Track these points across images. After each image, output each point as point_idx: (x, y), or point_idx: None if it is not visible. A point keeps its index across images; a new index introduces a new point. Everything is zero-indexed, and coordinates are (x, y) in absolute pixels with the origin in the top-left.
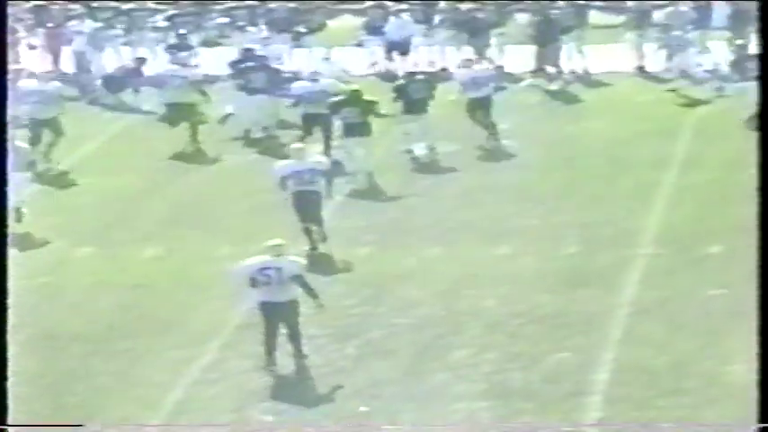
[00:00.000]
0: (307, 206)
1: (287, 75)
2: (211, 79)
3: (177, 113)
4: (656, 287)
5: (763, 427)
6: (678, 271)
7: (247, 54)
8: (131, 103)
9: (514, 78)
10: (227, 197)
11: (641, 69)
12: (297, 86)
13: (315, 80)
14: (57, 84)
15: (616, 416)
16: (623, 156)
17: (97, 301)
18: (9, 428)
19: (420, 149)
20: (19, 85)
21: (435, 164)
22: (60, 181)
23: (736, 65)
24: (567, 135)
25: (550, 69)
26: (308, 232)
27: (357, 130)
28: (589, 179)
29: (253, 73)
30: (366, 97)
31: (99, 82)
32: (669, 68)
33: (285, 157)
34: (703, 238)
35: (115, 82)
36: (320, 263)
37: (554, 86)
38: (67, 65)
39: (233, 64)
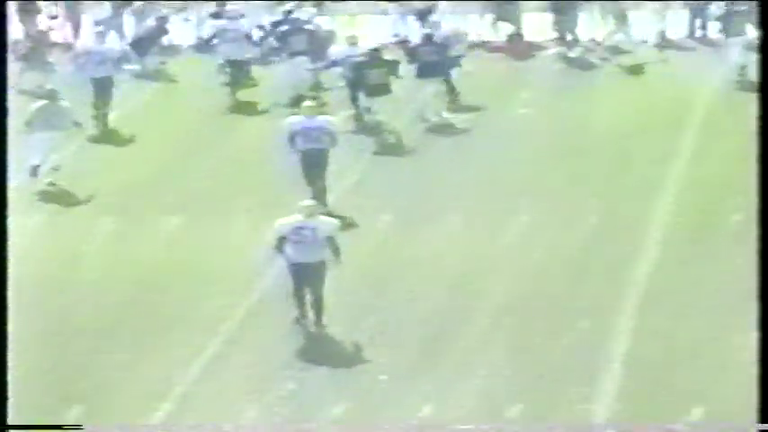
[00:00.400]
0: (313, 164)
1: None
2: None
3: (235, 71)
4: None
5: (764, 428)
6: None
7: (287, 16)
8: (156, 70)
9: (536, 47)
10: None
11: (663, 37)
12: (336, 50)
13: (354, 44)
14: (114, 47)
15: (636, 392)
16: (639, 123)
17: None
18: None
19: (434, 116)
20: (77, 46)
21: (450, 128)
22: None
23: (724, 20)
24: (584, 104)
25: (569, 38)
26: (315, 190)
27: (379, 90)
28: (604, 145)
29: (293, 35)
30: (387, 58)
31: (126, 47)
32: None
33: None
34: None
35: (142, 44)
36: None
37: (573, 54)
38: (88, 34)
39: (274, 25)
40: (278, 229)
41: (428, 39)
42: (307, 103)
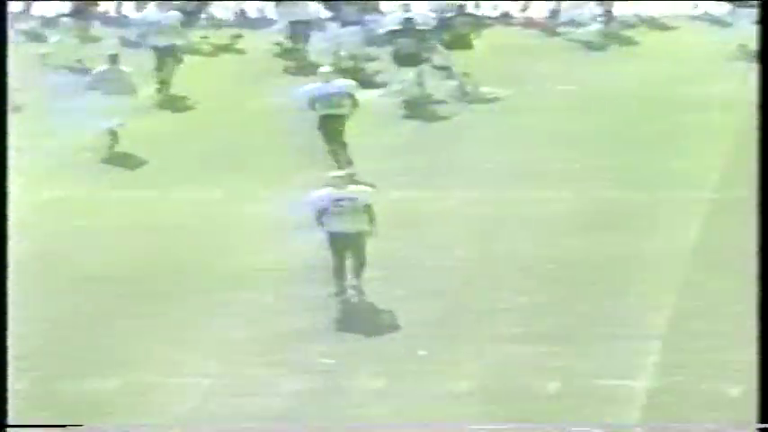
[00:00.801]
0: (332, 129)
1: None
2: None
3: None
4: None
5: (764, 428)
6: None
7: None
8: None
9: (575, 23)
10: None
11: (704, 12)
12: (390, 19)
13: (408, 10)
14: (176, 13)
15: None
16: (672, 97)
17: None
18: (9, 429)
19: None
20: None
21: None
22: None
23: None
24: (618, 78)
25: (608, 12)
26: (334, 155)
27: (409, 59)
28: (636, 121)
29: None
30: (419, 27)
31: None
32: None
33: (374, 85)
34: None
35: (188, 17)
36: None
37: (611, 30)
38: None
39: None
40: (315, 202)
41: (461, 10)
42: (324, 68)
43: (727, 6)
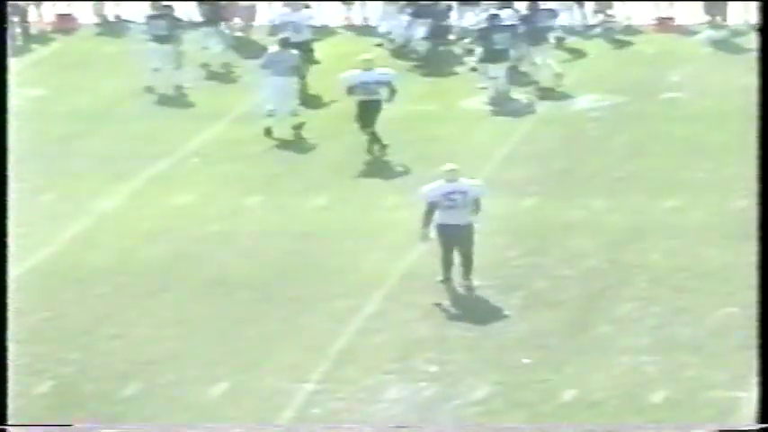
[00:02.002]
0: (367, 114)
1: None
2: None
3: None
4: None
5: (764, 428)
6: None
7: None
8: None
9: (684, 30)
10: None
11: None
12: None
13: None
14: (309, 12)
15: None
16: None
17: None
18: (9, 428)
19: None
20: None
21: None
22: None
23: None
24: (737, 86)
25: (719, 20)
26: (371, 141)
27: (498, 55)
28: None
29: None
30: (506, 23)
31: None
32: None
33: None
34: None
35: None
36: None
37: (721, 37)
38: None
39: None
40: (427, 195)
41: (535, 7)
42: (364, 56)
43: None
